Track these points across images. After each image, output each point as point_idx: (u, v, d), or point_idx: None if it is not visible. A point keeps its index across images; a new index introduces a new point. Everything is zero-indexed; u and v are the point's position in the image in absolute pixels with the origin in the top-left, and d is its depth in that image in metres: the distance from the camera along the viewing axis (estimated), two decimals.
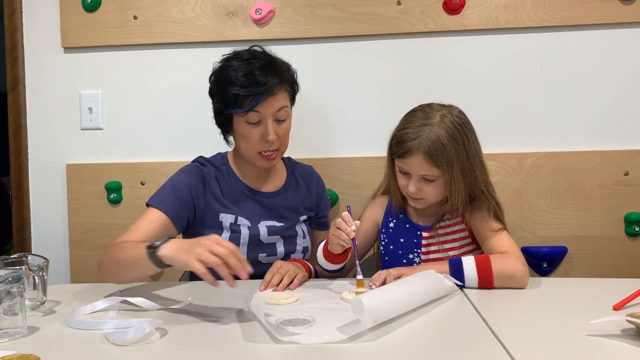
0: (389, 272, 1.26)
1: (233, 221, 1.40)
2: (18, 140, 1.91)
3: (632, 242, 1.74)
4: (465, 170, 1.32)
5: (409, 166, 1.33)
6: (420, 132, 1.30)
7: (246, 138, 1.36)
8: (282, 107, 1.35)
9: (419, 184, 1.33)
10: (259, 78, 1.31)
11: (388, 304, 1.02)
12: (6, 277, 0.97)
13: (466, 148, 1.32)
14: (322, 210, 1.56)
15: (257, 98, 1.30)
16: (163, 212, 1.33)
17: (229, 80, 1.33)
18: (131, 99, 1.88)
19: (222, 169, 1.45)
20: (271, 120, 1.34)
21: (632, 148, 1.74)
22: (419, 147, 1.29)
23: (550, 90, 1.76)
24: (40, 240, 1.93)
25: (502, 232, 1.36)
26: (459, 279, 1.24)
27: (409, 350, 0.89)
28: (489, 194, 1.38)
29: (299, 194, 1.51)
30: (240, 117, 1.34)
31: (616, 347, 0.88)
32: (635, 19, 1.71)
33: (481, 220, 1.38)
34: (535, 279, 1.33)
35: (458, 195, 1.33)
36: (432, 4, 1.76)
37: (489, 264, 1.24)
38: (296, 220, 1.47)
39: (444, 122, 1.31)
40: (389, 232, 1.46)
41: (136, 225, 1.31)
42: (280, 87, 1.34)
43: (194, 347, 0.92)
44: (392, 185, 1.43)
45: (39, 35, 1.89)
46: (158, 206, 1.34)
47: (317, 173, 1.59)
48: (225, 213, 1.40)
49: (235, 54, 1.39)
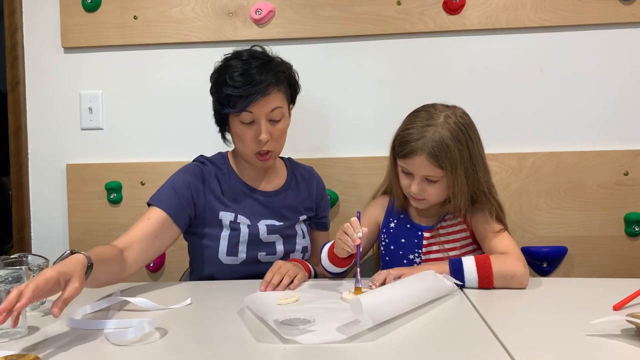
0: (388, 272, 1.25)
1: (233, 219, 1.40)
2: (18, 140, 1.91)
3: (632, 242, 1.75)
4: (469, 172, 1.32)
5: (412, 167, 1.32)
6: (424, 133, 1.29)
7: (241, 138, 1.37)
8: (276, 107, 1.35)
9: (422, 184, 1.33)
10: (253, 78, 1.31)
11: (387, 304, 1.02)
12: (6, 277, 0.98)
13: (470, 149, 1.32)
14: (321, 210, 1.56)
15: (250, 98, 1.31)
16: (163, 210, 1.34)
17: (223, 80, 1.34)
18: (131, 99, 1.88)
19: (223, 167, 1.45)
20: (265, 121, 1.34)
21: (632, 148, 1.74)
22: (423, 147, 1.28)
23: (550, 90, 1.76)
24: (40, 240, 1.93)
25: (503, 233, 1.36)
26: (458, 279, 1.24)
27: (409, 350, 0.89)
28: (491, 195, 1.37)
29: (299, 194, 1.51)
30: (235, 117, 1.35)
31: (616, 347, 0.88)
32: (635, 19, 1.71)
33: (482, 221, 1.37)
34: (535, 279, 1.33)
35: (461, 196, 1.32)
36: (432, 4, 1.76)
37: (489, 264, 1.24)
38: (296, 220, 1.47)
39: (448, 122, 1.30)
40: (389, 232, 1.46)
41: (135, 224, 1.32)
42: (275, 87, 1.34)
43: (194, 347, 0.92)
44: (394, 185, 1.42)
45: (39, 35, 1.89)
46: (158, 204, 1.35)
47: (317, 174, 1.59)
48: (224, 211, 1.40)
49: (236, 53, 1.39)
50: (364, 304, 0.95)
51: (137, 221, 1.32)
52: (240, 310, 1.10)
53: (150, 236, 1.30)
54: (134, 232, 1.29)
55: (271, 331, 0.96)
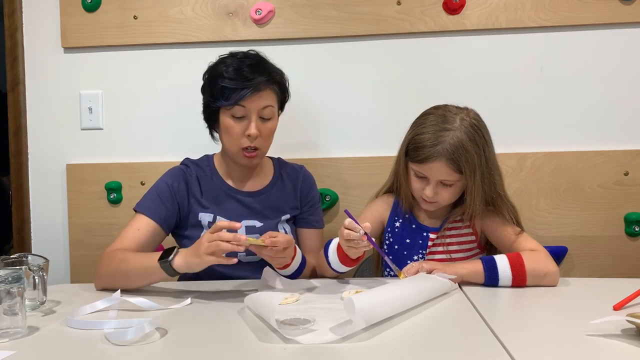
0: (421, 265, 1.25)
1: (211, 220, 1.42)
2: (18, 140, 1.91)
3: (632, 242, 1.74)
4: (485, 175, 1.30)
5: (429, 171, 1.30)
6: (442, 137, 1.27)
7: (229, 132, 1.38)
8: (268, 105, 1.37)
9: (436, 188, 1.32)
10: (247, 74, 1.34)
11: (380, 305, 1.01)
12: (6, 277, 0.97)
13: (485, 152, 1.30)
14: (307, 207, 1.53)
15: (244, 92, 1.33)
16: (150, 217, 1.38)
17: (219, 73, 1.37)
18: (131, 99, 1.88)
19: (206, 169, 1.48)
20: (256, 117, 1.36)
21: (632, 148, 1.74)
22: (442, 153, 1.26)
23: (550, 90, 1.76)
24: (40, 240, 1.93)
25: (523, 234, 1.35)
26: (492, 278, 1.23)
27: (409, 350, 0.89)
28: (506, 198, 1.36)
29: (284, 193, 1.50)
30: (227, 110, 1.37)
31: (616, 347, 0.88)
32: (635, 19, 1.71)
33: (500, 225, 1.36)
34: None
35: (477, 200, 1.31)
36: (432, 4, 1.76)
37: (522, 263, 1.23)
38: (278, 220, 1.47)
39: (464, 125, 1.28)
40: (394, 231, 1.45)
41: (125, 233, 1.36)
42: (268, 85, 1.36)
43: (194, 347, 0.92)
44: (404, 186, 1.39)
45: (39, 35, 1.89)
46: (144, 212, 1.39)
47: (305, 171, 1.57)
48: (204, 212, 1.43)
49: (230, 53, 1.42)
50: (357, 305, 0.94)
51: (127, 229, 1.37)
52: (240, 310, 1.10)
53: (142, 247, 1.35)
54: (127, 241, 1.34)
55: (272, 331, 0.96)
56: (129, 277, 1.26)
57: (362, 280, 1.40)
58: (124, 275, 1.26)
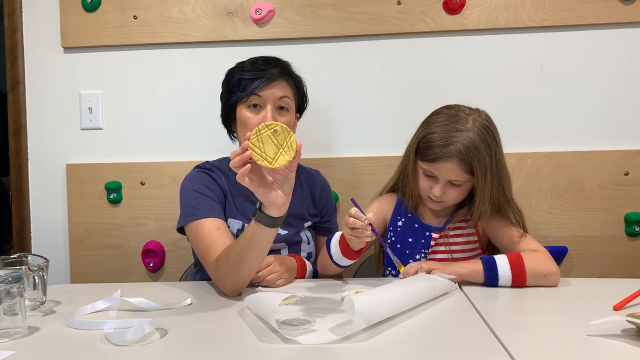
0: (420, 265, 1.25)
1: (240, 227, 1.40)
2: (18, 140, 1.91)
3: (632, 242, 1.75)
4: (494, 177, 1.30)
5: (440, 171, 1.30)
6: (454, 138, 1.27)
7: (246, 124, 1.36)
8: (284, 95, 1.37)
9: (444, 187, 1.32)
10: (262, 66, 1.37)
11: (380, 305, 1.01)
12: (6, 277, 0.97)
13: (496, 154, 1.30)
14: (326, 216, 1.55)
15: (259, 82, 1.35)
16: (213, 217, 1.33)
17: (235, 70, 1.41)
18: (131, 99, 1.88)
19: (229, 173, 1.43)
20: (271, 107, 1.36)
21: (632, 148, 1.74)
22: (455, 153, 1.26)
23: (551, 90, 1.76)
24: (40, 240, 1.93)
25: (527, 236, 1.36)
26: (492, 277, 1.23)
27: (408, 350, 0.89)
28: (513, 201, 1.36)
29: (303, 199, 1.49)
30: (243, 103, 1.37)
31: (616, 347, 0.88)
32: (635, 19, 1.71)
33: (504, 227, 1.36)
34: None
35: (487, 202, 1.31)
36: (432, 4, 1.76)
37: (522, 263, 1.23)
38: (300, 227, 1.47)
39: (476, 126, 1.28)
40: (396, 230, 1.45)
41: (210, 240, 1.29)
42: (284, 77, 1.38)
43: (194, 347, 0.92)
44: (411, 184, 1.39)
45: (39, 35, 1.89)
46: (203, 216, 1.33)
47: (322, 178, 1.58)
48: (233, 218, 1.41)
49: (249, 58, 1.44)
50: (357, 305, 0.94)
51: (207, 237, 1.30)
52: (241, 310, 1.10)
53: (231, 239, 1.31)
54: (220, 243, 1.27)
55: (272, 331, 0.96)
56: (242, 259, 1.18)
57: (362, 280, 1.40)
58: (238, 262, 1.19)
